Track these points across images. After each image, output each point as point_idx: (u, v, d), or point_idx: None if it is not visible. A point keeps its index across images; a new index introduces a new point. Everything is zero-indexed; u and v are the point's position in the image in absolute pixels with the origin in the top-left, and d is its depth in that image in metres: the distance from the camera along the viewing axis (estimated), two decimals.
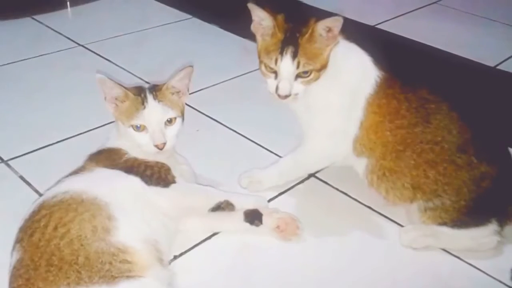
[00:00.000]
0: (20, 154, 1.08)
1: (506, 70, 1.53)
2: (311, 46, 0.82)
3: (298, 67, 0.82)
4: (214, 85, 1.38)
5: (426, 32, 1.71)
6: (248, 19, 0.87)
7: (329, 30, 0.82)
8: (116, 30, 1.65)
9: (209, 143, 1.15)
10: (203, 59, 1.46)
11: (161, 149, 0.85)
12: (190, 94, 0.92)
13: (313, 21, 0.83)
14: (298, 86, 0.84)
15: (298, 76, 0.84)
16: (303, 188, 1.03)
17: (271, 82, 0.86)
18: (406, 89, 0.89)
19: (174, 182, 0.86)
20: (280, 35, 0.83)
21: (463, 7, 1.99)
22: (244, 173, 1.00)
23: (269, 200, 0.97)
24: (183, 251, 0.86)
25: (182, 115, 0.89)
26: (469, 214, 0.86)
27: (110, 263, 0.69)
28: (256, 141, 1.16)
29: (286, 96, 0.84)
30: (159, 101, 0.85)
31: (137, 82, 1.30)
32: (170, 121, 0.86)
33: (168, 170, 0.86)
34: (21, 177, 1.01)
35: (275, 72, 0.84)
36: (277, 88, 0.84)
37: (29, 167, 1.04)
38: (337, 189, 1.02)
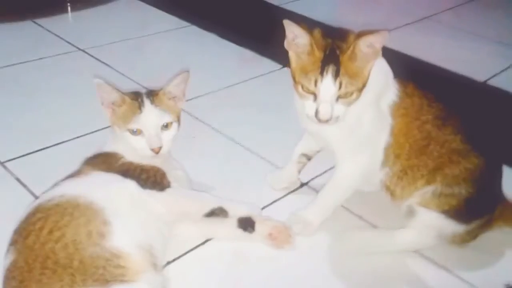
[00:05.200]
0: (17, 156, 1.08)
1: (495, 85, 1.56)
2: (352, 64, 0.76)
3: (340, 87, 0.76)
4: (211, 92, 1.39)
5: (417, 46, 1.73)
6: (244, 28, 0.86)
7: (371, 46, 0.76)
8: (116, 35, 1.67)
9: (205, 149, 1.16)
10: (201, 66, 1.47)
11: (157, 153, 0.86)
12: (187, 100, 0.93)
13: (353, 37, 0.77)
14: (339, 108, 0.78)
15: (339, 97, 0.77)
16: (296, 197, 1.04)
17: (309, 104, 0.78)
18: (420, 87, 0.89)
19: (169, 186, 0.87)
20: (318, 54, 0.76)
21: (454, 23, 2.02)
22: (292, 217, 0.93)
23: (263, 208, 0.98)
24: (176, 256, 0.87)
25: (178, 120, 0.90)
26: (471, 208, 0.86)
27: (104, 267, 0.69)
28: (252, 149, 1.17)
29: (328, 120, 0.78)
30: (155, 105, 0.86)
31: (135, 87, 1.31)
32: (166, 126, 0.87)
33: (163, 174, 0.87)
34: (17, 179, 1.02)
35: (314, 94, 0.77)
36: (317, 112, 0.77)
37: (25, 169, 1.04)
38: None
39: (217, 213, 0.88)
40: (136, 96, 0.87)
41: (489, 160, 0.88)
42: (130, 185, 0.83)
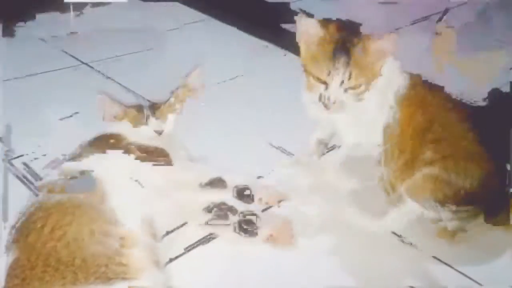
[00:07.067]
0: (19, 154, 1.09)
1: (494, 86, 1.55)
2: (363, 58, 0.80)
3: (349, 78, 0.79)
4: (222, 82, 1.40)
5: (416, 47, 1.74)
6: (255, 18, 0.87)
7: (381, 49, 0.80)
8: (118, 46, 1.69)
9: (210, 131, 1.16)
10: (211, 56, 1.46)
11: (160, 134, 0.90)
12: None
13: (365, 36, 0.80)
14: (348, 98, 0.81)
15: (348, 88, 0.81)
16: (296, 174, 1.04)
17: (319, 93, 0.82)
18: (423, 79, 0.90)
19: (170, 164, 0.89)
20: (331, 45, 0.80)
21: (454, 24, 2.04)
22: (293, 217, 0.94)
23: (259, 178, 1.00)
24: (178, 254, 0.87)
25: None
26: (464, 200, 0.86)
27: (106, 265, 0.70)
28: (260, 136, 1.17)
29: (336, 108, 0.81)
30: (157, 118, 0.91)
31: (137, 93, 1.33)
32: None
33: (166, 154, 0.90)
34: (18, 177, 1.03)
35: (325, 83, 0.81)
36: (326, 100, 0.81)
37: (27, 168, 1.05)
38: None
39: (216, 183, 0.90)
40: (138, 109, 0.91)
41: (493, 159, 0.87)
42: (131, 159, 0.85)
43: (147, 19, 1.82)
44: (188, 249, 0.88)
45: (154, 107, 0.91)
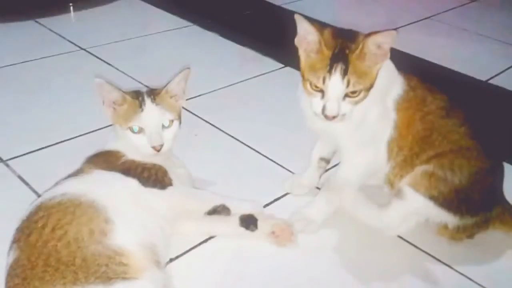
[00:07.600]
0: (19, 154, 1.09)
1: (497, 84, 1.56)
2: (361, 63, 0.78)
3: (347, 86, 0.77)
4: (213, 91, 1.39)
5: (419, 46, 1.73)
6: (246, 27, 0.86)
7: (380, 46, 0.77)
8: (118, 35, 1.67)
9: (207, 147, 1.16)
10: (202, 65, 1.47)
11: (158, 151, 0.86)
12: (189, 99, 0.93)
13: (362, 37, 0.78)
14: (346, 106, 0.79)
15: (346, 95, 0.79)
16: (298, 195, 1.04)
17: (316, 102, 0.80)
18: (423, 81, 0.90)
19: (171, 184, 0.87)
20: (327, 52, 0.78)
21: (455, 23, 2.03)
22: (294, 215, 0.94)
23: (265, 206, 0.99)
24: (179, 254, 0.87)
25: (179, 118, 0.91)
26: (463, 200, 0.86)
27: (107, 265, 0.70)
28: (253, 147, 1.18)
29: (334, 117, 0.79)
30: (156, 104, 0.86)
31: (137, 86, 1.32)
32: (167, 124, 0.87)
33: (165, 172, 0.88)
34: (20, 177, 1.02)
35: (322, 91, 0.79)
36: (324, 109, 0.79)
37: (27, 167, 1.05)
38: None
39: (220, 210, 0.88)
40: (137, 95, 0.88)
41: (489, 157, 0.88)
42: (132, 184, 0.83)
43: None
44: (189, 248, 0.88)
45: (153, 93, 0.88)
